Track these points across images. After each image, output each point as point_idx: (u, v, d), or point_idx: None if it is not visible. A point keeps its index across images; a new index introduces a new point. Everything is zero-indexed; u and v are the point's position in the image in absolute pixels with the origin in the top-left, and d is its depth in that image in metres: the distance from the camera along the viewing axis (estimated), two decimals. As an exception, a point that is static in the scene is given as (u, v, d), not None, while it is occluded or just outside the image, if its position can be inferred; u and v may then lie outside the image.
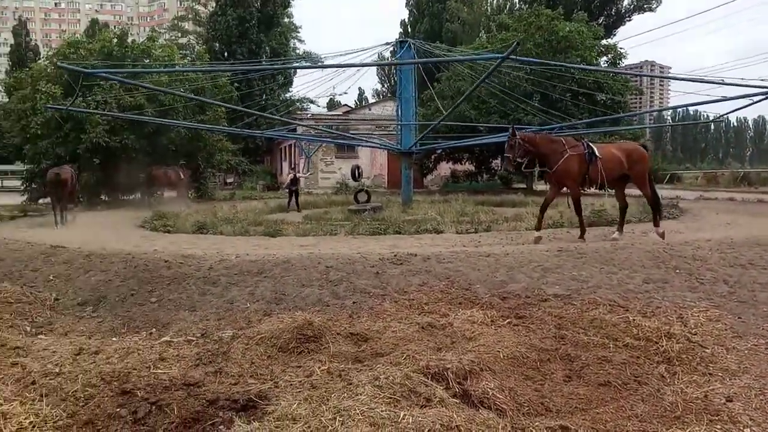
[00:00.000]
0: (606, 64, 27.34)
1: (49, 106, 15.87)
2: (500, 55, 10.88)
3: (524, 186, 29.61)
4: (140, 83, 16.08)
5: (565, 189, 9.76)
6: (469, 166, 31.83)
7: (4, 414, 3.53)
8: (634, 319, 5.14)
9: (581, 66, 20.85)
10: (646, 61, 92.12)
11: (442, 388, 3.69)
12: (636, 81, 37.86)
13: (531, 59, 19.27)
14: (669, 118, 63.50)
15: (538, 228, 9.64)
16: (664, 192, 24.45)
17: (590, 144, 9.36)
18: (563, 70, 19.87)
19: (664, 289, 6.15)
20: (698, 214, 14.41)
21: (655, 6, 44.30)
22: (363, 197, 18.94)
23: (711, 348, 4.56)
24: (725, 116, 18.96)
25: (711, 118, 24.90)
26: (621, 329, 4.98)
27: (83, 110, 15.56)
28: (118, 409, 3.68)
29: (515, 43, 10.01)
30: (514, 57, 11.39)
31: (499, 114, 22.15)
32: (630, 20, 45.40)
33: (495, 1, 52.12)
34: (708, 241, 8.20)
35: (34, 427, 3.46)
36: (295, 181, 19.28)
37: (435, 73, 28.55)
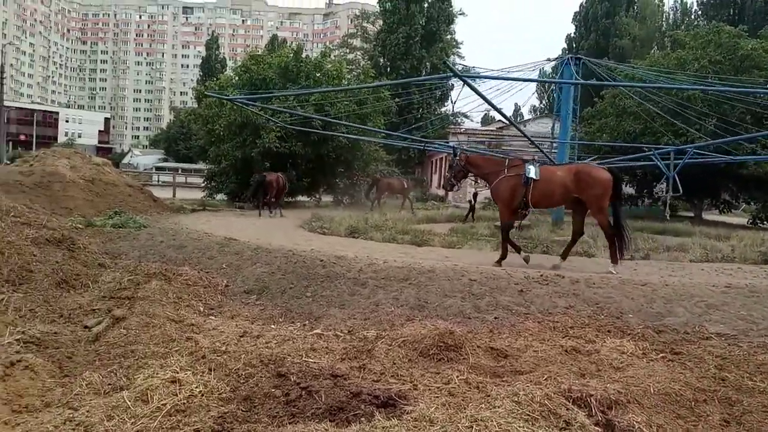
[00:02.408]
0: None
1: (209, 93, 17.64)
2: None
3: (692, 214, 27.12)
4: (270, 106, 17.57)
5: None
6: (629, 189, 29.86)
7: (180, 381, 4.03)
8: (810, 370, 4.57)
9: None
10: None
11: (584, 414, 3.57)
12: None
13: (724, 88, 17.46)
14: None
15: (517, 251, 8.86)
16: None
17: (532, 166, 8.47)
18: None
19: None
20: None
21: None
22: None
23: None
24: None
25: None
26: (794, 378, 4.45)
27: (242, 102, 16.84)
28: (273, 390, 4.04)
29: None
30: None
31: (672, 134, 20.50)
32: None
33: (671, 17, 48.57)
34: None
35: (202, 395, 3.89)
36: (475, 195, 20.05)
37: (599, 91, 27.28)
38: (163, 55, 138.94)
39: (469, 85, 9.78)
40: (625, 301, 6.43)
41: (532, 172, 8.49)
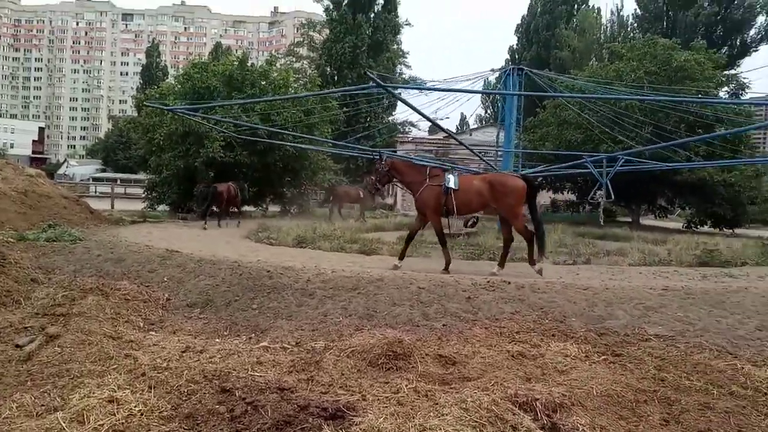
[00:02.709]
0: (727, 96, 25.58)
1: (149, 103, 17.21)
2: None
3: (630, 220, 28.20)
4: (214, 116, 17.35)
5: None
6: (570, 196, 30.80)
7: (118, 400, 3.87)
8: (742, 367, 4.79)
9: (689, 98, 19.63)
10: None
11: (529, 418, 3.63)
12: (761, 114, 35.04)
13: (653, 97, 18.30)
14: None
15: (401, 257, 9.17)
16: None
17: (451, 176, 8.88)
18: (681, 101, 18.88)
19: (780, 338, 5.67)
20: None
21: (787, 36, 41.08)
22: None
23: (832, 406, 4.15)
24: None
25: None
26: (727, 376, 4.66)
27: (183, 112, 16.47)
28: (217, 406, 3.93)
29: None
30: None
31: (610, 142, 21.27)
32: (756, 50, 42.32)
33: (609, 29, 50.56)
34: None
35: (141, 414, 3.75)
36: None
37: (541, 102, 28.08)
38: (101, 63, 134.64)
39: (393, 95, 10.01)
40: (568, 305, 6.59)
41: (451, 181, 8.79)
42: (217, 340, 5.79)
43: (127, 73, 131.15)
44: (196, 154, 18.97)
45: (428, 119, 12.09)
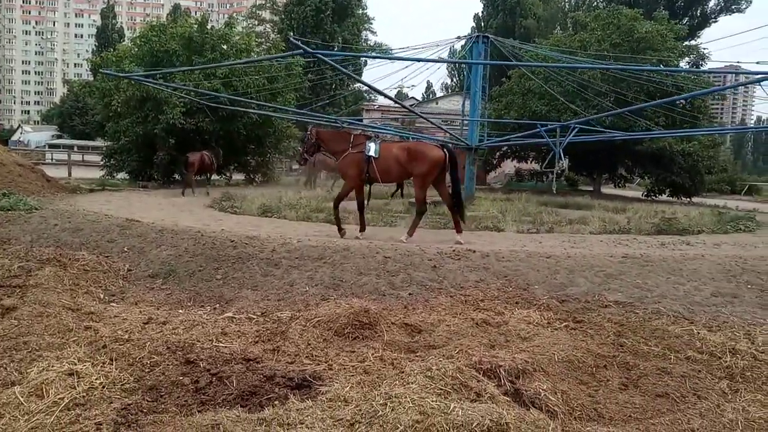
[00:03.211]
0: (687, 66, 26.08)
1: (105, 71, 16.59)
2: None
3: (591, 189, 28.77)
4: (173, 84, 16.84)
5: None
6: (534, 165, 31.21)
7: (78, 373, 3.79)
8: (698, 332, 4.98)
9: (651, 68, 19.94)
10: (730, 64, 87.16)
11: (493, 384, 3.70)
12: (718, 84, 35.87)
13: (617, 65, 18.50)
14: (752, 123, 60.02)
15: (361, 229, 9.21)
16: (740, 204, 23.38)
17: (372, 144, 9.00)
18: (643, 72, 19.13)
19: (733, 304, 5.90)
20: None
21: (744, 7, 41.97)
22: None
23: (780, 368, 4.35)
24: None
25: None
26: (684, 341, 4.83)
27: (140, 79, 15.93)
28: (181, 378, 3.89)
29: None
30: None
31: (571, 112, 21.52)
32: (716, 22, 43.19)
33: (573, -2, 50.70)
34: (787, 257, 7.76)
35: (103, 387, 3.69)
36: None
37: (507, 70, 28.09)
38: (54, 24, 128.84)
39: (324, 60, 10.14)
40: (531, 273, 6.70)
41: (372, 149, 8.87)
42: (181, 311, 5.71)
43: (81, 36, 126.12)
44: (155, 121, 18.42)
45: (372, 88, 12.05)
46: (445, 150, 8.89)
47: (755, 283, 6.50)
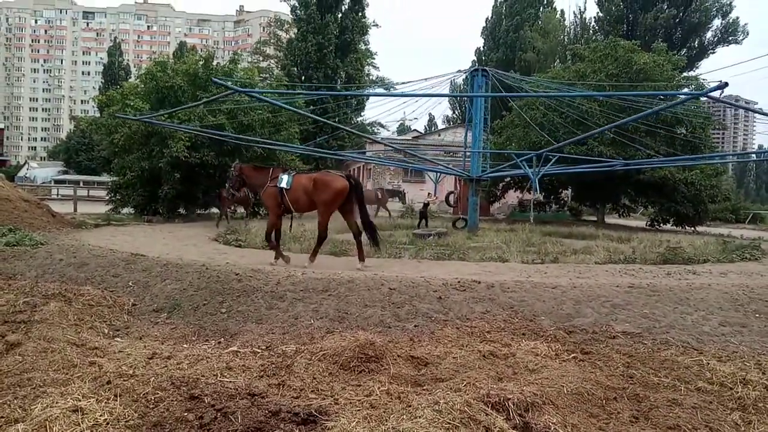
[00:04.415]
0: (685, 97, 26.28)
1: (118, 115, 16.94)
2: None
3: (595, 218, 28.75)
4: (183, 127, 17.22)
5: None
6: (539, 195, 31.29)
7: (82, 409, 3.74)
8: (708, 363, 4.91)
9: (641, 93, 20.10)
10: (730, 95, 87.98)
11: (502, 418, 3.64)
12: (719, 115, 36.20)
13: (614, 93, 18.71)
14: (754, 155, 60.38)
15: (276, 255, 9.63)
16: (745, 232, 23.31)
17: (285, 176, 9.50)
18: (639, 102, 19.28)
19: (742, 334, 5.84)
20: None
21: (741, 39, 42.61)
22: (461, 224, 19.33)
23: (793, 399, 4.28)
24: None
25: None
26: (694, 372, 4.76)
27: (151, 120, 16.28)
28: (185, 413, 3.84)
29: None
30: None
31: (573, 144, 21.63)
32: (714, 52, 43.80)
33: (572, 31, 51.56)
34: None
35: (107, 424, 3.63)
36: (426, 205, 20.67)
37: (508, 102, 28.41)
38: (62, 62, 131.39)
39: (256, 98, 10.80)
40: (537, 304, 6.66)
41: (283, 181, 9.43)
42: (185, 345, 5.67)
43: (89, 73, 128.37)
44: (160, 155, 18.59)
45: (307, 115, 12.79)
46: (351, 180, 9.35)
47: (763, 312, 6.44)
